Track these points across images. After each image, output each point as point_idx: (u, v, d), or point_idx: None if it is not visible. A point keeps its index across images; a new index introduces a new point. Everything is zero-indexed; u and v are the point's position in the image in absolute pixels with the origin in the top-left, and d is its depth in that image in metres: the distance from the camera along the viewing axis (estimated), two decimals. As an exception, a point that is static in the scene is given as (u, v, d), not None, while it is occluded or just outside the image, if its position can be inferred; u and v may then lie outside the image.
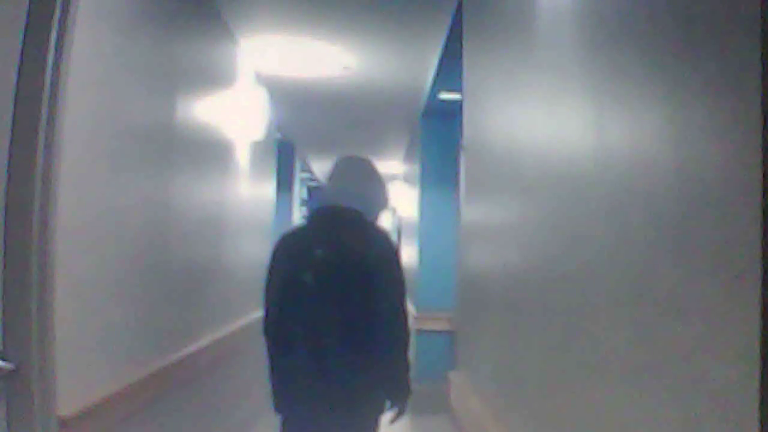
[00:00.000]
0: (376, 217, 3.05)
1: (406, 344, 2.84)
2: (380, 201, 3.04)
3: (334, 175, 3.03)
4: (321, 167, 12.15)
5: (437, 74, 5.43)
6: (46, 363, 2.08)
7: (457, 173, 6.22)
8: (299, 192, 10.31)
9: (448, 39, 4.55)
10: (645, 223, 1.24)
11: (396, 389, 2.87)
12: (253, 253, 5.92)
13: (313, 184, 14.26)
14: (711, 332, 1.00)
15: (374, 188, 3.01)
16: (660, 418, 1.16)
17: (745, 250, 0.91)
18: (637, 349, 1.27)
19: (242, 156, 5.27)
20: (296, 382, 2.87)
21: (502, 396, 2.45)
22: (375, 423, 2.91)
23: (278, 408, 2.96)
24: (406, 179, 9.83)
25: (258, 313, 6.16)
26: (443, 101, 6.25)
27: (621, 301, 1.35)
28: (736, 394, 0.92)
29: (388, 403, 2.90)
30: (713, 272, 1.00)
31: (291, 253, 2.91)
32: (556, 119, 1.86)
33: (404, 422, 3.82)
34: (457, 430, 3.63)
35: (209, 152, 4.22)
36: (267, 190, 6.72)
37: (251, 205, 5.75)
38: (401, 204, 11.32)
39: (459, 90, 4.37)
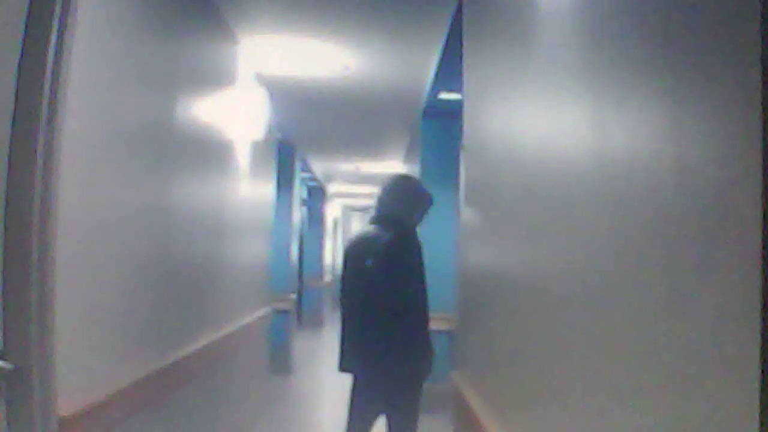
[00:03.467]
0: (417, 222, 3.96)
1: (425, 312, 3.74)
2: (417, 209, 3.95)
3: (383, 190, 4.01)
4: (321, 167, 12.15)
5: (437, 74, 5.43)
6: (46, 363, 2.08)
7: (457, 173, 6.22)
8: (299, 192, 10.31)
9: (448, 39, 4.55)
10: (645, 222, 1.24)
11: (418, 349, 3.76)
12: (253, 252, 5.92)
13: (313, 184, 14.26)
14: (711, 332, 1.00)
15: (411, 200, 3.93)
16: (660, 418, 1.16)
17: (745, 249, 0.91)
18: (637, 348, 1.27)
19: (242, 156, 5.27)
20: (351, 347, 3.87)
21: (503, 396, 2.46)
22: (419, 385, 3.79)
23: (340, 368, 3.93)
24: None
25: (259, 312, 6.18)
26: (443, 101, 6.25)
27: (620, 300, 1.35)
28: (736, 394, 0.92)
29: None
30: (713, 272, 1.00)
31: (354, 250, 3.93)
32: (556, 119, 1.87)
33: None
34: (457, 430, 3.63)
35: (209, 152, 4.22)
36: (267, 190, 6.72)
37: (251, 204, 5.75)
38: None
39: (459, 90, 4.37)
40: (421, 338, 3.74)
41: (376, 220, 3.96)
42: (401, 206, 3.90)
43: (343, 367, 3.90)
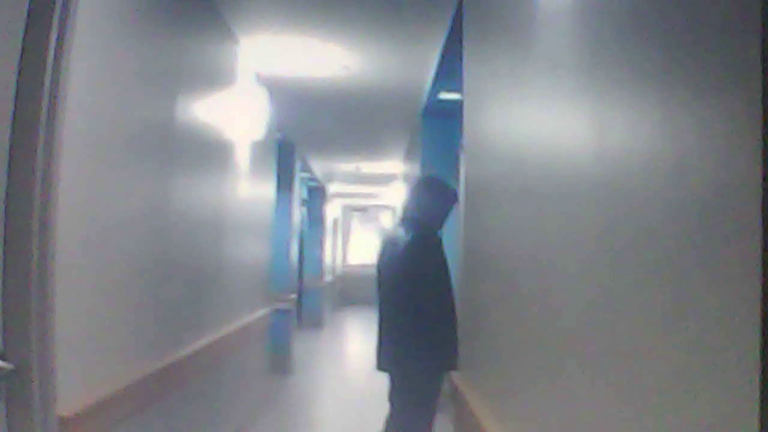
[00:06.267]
0: (439, 222, 3.98)
1: (440, 313, 3.84)
2: (437, 210, 3.99)
3: (408, 192, 4.22)
4: (321, 167, 12.15)
5: (437, 74, 5.43)
6: (46, 363, 2.08)
7: (457, 173, 6.21)
8: (299, 192, 10.30)
9: (448, 39, 4.55)
10: (644, 222, 1.24)
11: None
12: (253, 252, 5.92)
13: (313, 184, 14.25)
14: (711, 332, 1.00)
15: (429, 201, 3.98)
16: (660, 417, 1.16)
17: (745, 250, 0.91)
18: (636, 348, 1.27)
19: (242, 156, 5.27)
20: (379, 346, 4.07)
21: (503, 395, 2.46)
22: (421, 381, 3.88)
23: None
24: (406, 179, 9.82)
25: (259, 312, 6.17)
26: (443, 101, 6.25)
27: (620, 301, 1.35)
28: (736, 394, 0.92)
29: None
30: (713, 272, 1.00)
31: (380, 252, 4.16)
32: (556, 119, 1.87)
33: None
34: (457, 430, 3.63)
35: (209, 152, 4.22)
36: (267, 190, 6.72)
37: (251, 204, 5.75)
38: (402, 204, 11.31)
39: (459, 90, 4.37)
40: (430, 337, 3.80)
41: (401, 222, 4.11)
42: (421, 208, 3.99)
43: (376, 365, 4.11)
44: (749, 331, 0.89)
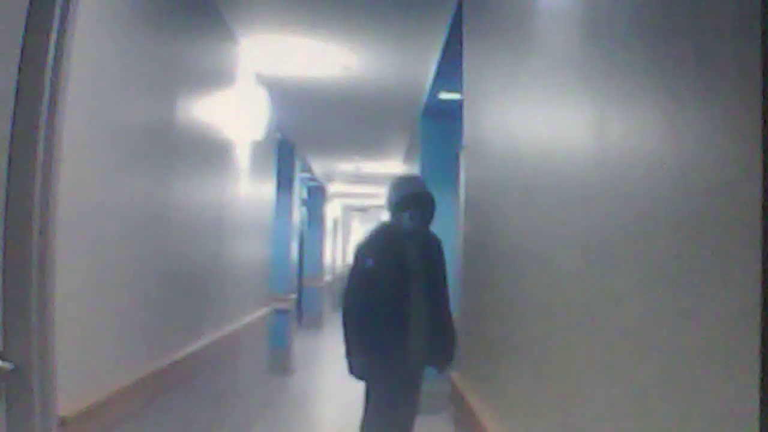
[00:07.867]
0: (399, 218, 4.15)
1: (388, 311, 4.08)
2: (392, 209, 4.18)
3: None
4: (321, 167, 12.15)
5: (437, 74, 5.43)
6: (46, 363, 2.08)
7: (457, 173, 6.22)
8: (299, 192, 10.30)
9: (448, 39, 4.55)
10: (644, 223, 1.24)
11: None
12: (253, 252, 5.92)
13: (313, 184, 14.24)
14: (711, 332, 1.00)
15: (387, 201, 4.23)
16: (660, 418, 1.16)
17: (745, 250, 0.91)
18: (636, 348, 1.27)
19: (242, 156, 5.27)
20: None
21: (502, 396, 2.46)
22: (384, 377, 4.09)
23: None
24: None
25: (259, 312, 6.17)
26: (443, 101, 6.24)
27: (621, 301, 1.35)
28: (736, 394, 0.92)
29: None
30: (713, 272, 1.00)
31: (385, 247, 4.31)
32: (556, 119, 1.87)
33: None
34: (457, 430, 3.63)
35: (209, 152, 4.22)
36: (267, 190, 6.72)
37: (251, 204, 5.75)
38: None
39: (459, 90, 4.37)
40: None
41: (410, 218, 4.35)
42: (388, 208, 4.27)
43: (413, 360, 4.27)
44: (749, 331, 0.89)
